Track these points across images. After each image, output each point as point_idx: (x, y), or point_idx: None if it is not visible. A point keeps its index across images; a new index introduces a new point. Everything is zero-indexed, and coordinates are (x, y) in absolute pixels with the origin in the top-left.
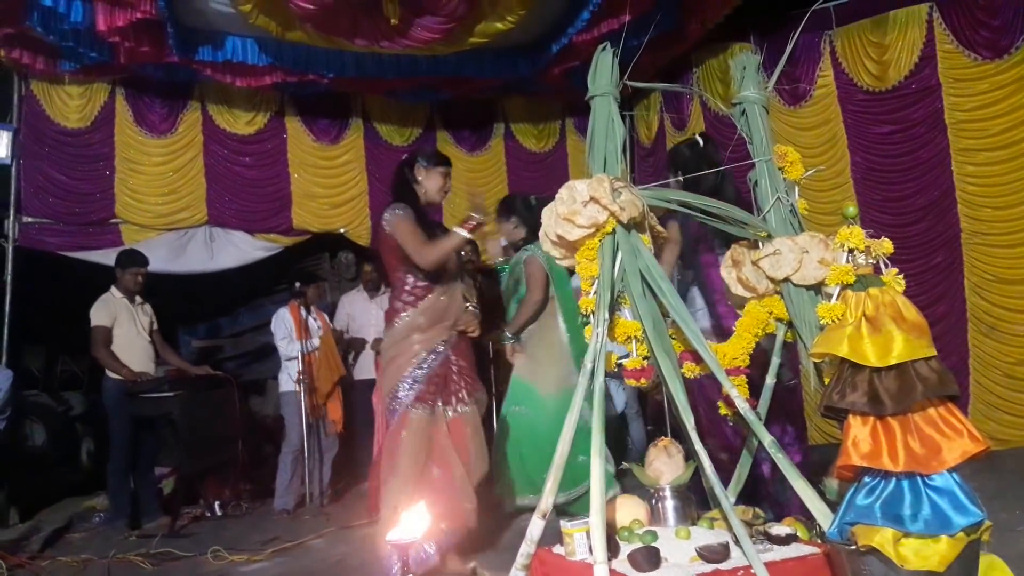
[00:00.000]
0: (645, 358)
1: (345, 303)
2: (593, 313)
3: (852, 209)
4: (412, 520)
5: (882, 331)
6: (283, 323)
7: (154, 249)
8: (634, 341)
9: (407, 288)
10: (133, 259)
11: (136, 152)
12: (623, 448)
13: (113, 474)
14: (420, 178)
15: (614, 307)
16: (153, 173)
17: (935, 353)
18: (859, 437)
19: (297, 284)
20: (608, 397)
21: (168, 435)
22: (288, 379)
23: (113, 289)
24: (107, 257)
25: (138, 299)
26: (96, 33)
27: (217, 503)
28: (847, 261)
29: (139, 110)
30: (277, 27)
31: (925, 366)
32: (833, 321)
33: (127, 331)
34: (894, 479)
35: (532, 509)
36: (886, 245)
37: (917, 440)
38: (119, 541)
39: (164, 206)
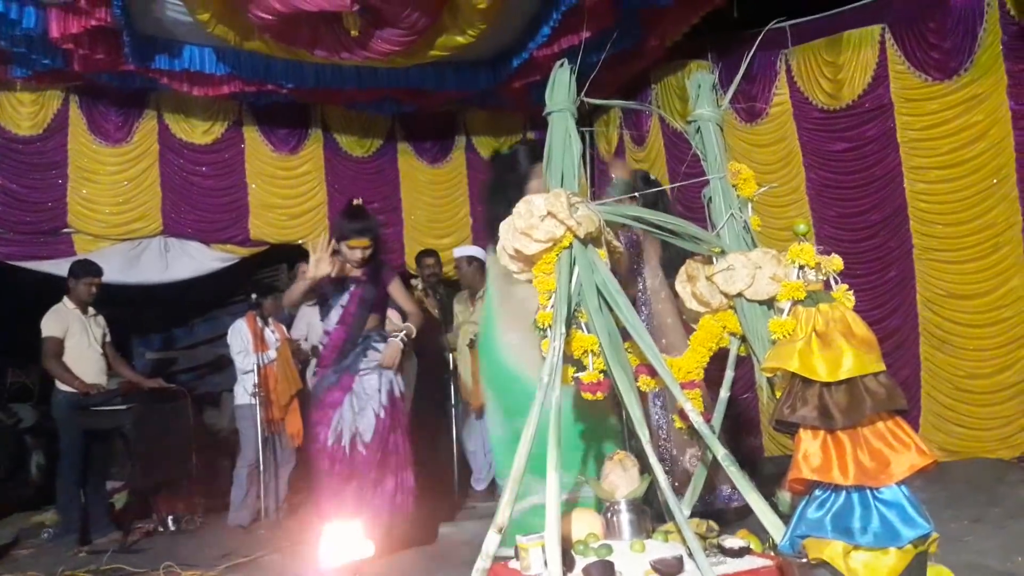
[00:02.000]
0: (601, 371)
1: (306, 312)
2: (550, 327)
3: (803, 226)
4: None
5: (832, 346)
6: (239, 336)
7: (108, 259)
8: (590, 355)
9: None
10: (87, 269)
11: (90, 161)
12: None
13: (63, 488)
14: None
15: (571, 321)
16: (107, 182)
17: (884, 368)
18: (810, 451)
19: (254, 296)
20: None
21: (120, 449)
22: (244, 392)
23: (65, 300)
24: (59, 267)
25: (91, 310)
26: (49, 40)
27: (170, 517)
28: (798, 277)
29: (93, 118)
30: (235, 36)
31: (874, 381)
32: (784, 336)
33: (79, 342)
34: (844, 492)
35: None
36: (836, 262)
37: (866, 454)
38: (68, 557)
39: (118, 216)
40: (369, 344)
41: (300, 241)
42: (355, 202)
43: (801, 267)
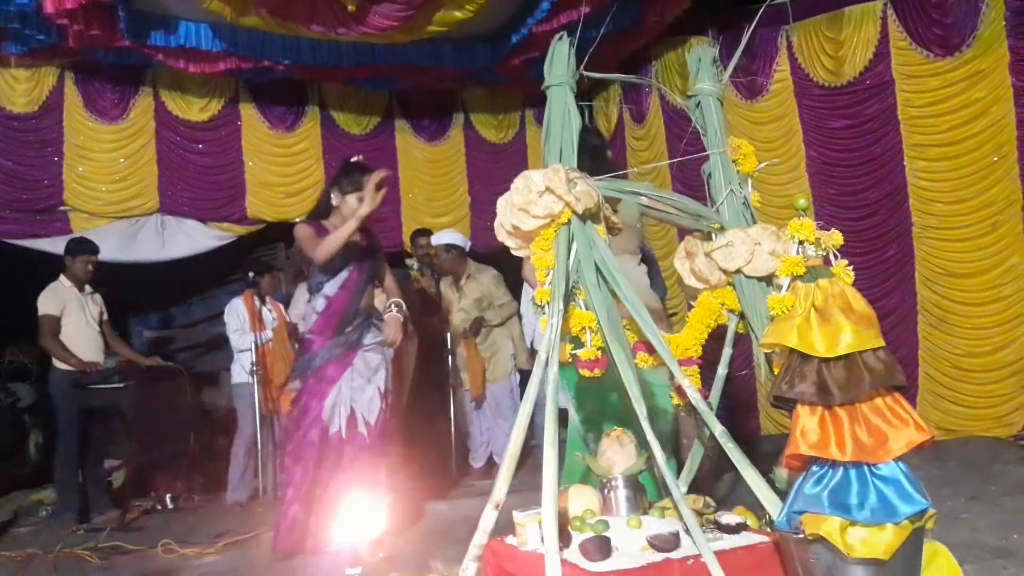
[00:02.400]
0: (599, 348)
1: (304, 291)
2: (548, 304)
3: (803, 201)
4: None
5: (831, 322)
6: (236, 314)
7: (104, 237)
8: (588, 332)
9: None
10: (83, 247)
11: (86, 138)
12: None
13: (61, 467)
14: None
15: (569, 297)
16: (103, 160)
17: (883, 344)
18: (807, 427)
19: (251, 274)
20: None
21: (118, 427)
22: (241, 370)
23: (62, 277)
24: (55, 245)
25: (88, 288)
26: (43, 15)
27: (168, 496)
28: (797, 253)
29: (89, 95)
30: (232, 12)
31: (873, 357)
32: (783, 312)
33: (76, 321)
34: (842, 468)
35: None
36: (836, 237)
37: (864, 430)
38: (66, 535)
39: (115, 193)
40: (371, 319)
41: (297, 219)
42: (353, 159)
43: (801, 242)
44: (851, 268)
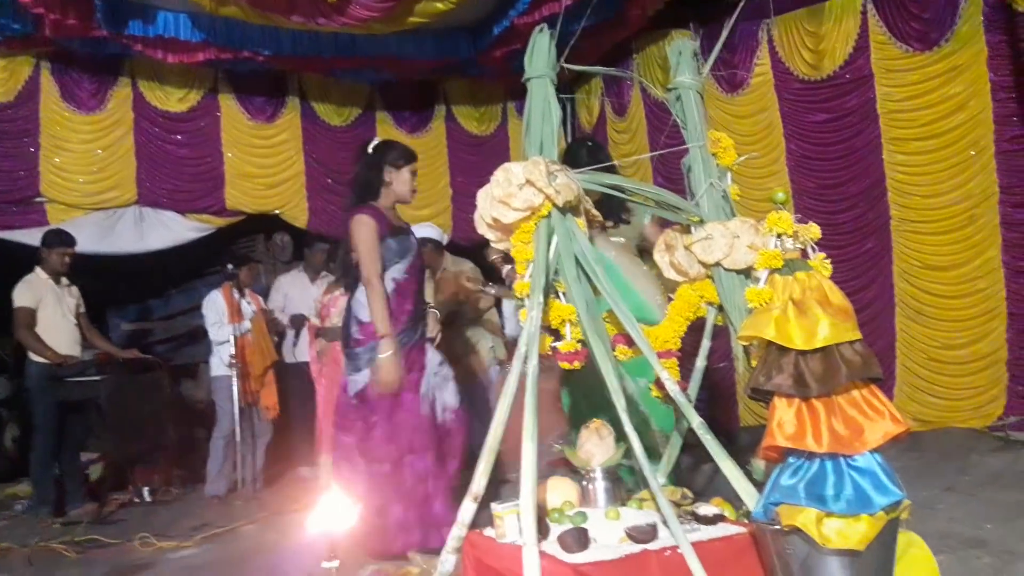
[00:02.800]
0: (579, 341)
1: (284, 283)
2: (528, 296)
3: (781, 194)
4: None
5: (808, 315)
6: (214, 306)
7: (81, 229)
8: (568, 324)
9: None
10: (59, 239)
11: (63, 129)
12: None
13: (37, 460)
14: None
15: (549, 290)
16: (81, 151)
17: (860, 337)
18: (784, 419)
19: (230, 266)
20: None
21: (95, 420)
22: (219, 363)
23: (38, 270)
24: (31, 237)
25: (64, 280)
26: (19, 4)
27: (146, 489)
28: (775, 246)
29: (66, 85)
30: (211, 2)
31: (850, 349)
32: (761, 305)
33: (52, 313)
34: (818, 460)
35: None
36: (814, 230)
37: (841, 421)
38: (42, 529)
39: (92, 185)
40: (428, 312)
41: (277, 211)
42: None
43: (779, 235)
44: (829, 261)
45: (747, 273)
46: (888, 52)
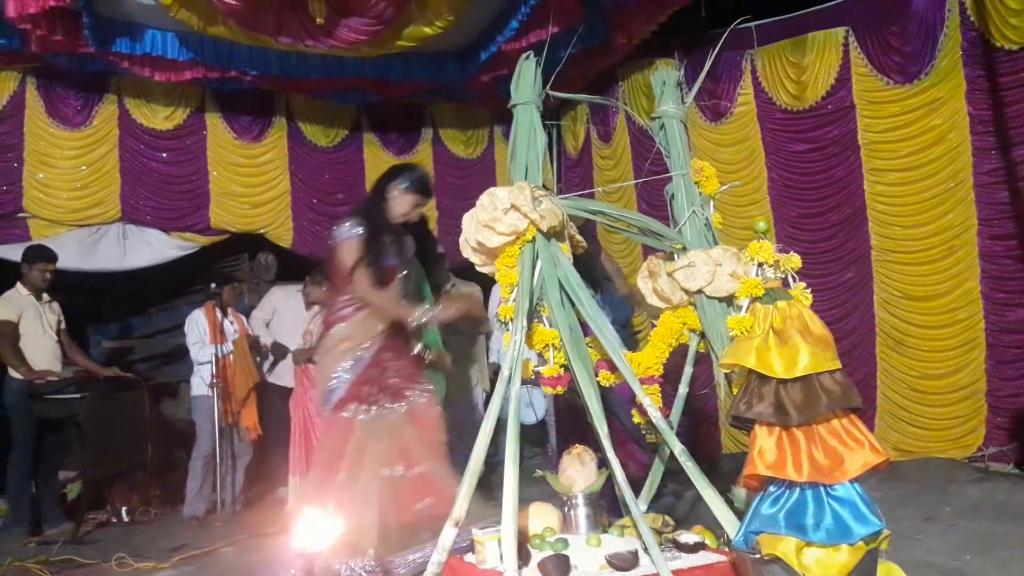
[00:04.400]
0: (562, 366)
1: (277, 297)
2: (512, 320)
3: (762, 224)
4: (314, 527)
5: (789, 344)
6: (196, 326)
7: (64, 245)
8: (551, 349)
9: (343, 300)
10: (41, 255)
11: (47, 144)
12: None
13: (14, 478)
14: (390, 196)
15: (533, 315)
16: (65, 167)
17: (839, 366)
18: (765, 447)
19: (213, 285)
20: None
21: (74, 438)
22: (200, 383)
23: (19, 285)
24: (13, 252)
25: (45, 296)
26: (5, 19)
27: (124, 509)
28: (757, 275)
29: (52, 101)
30: (199, 22)
31: (830, 378)
32: (742, 333)
33: (33, 329)
34: (798, 489)
35: None
36: (795, 260)
37: (821, 451)
38: (17, 548)
39: (76, 201)
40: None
41: (262, 230)
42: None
43: (760, 264)
44: (809, 290)
45: (729, 301)
46: (869, 84)
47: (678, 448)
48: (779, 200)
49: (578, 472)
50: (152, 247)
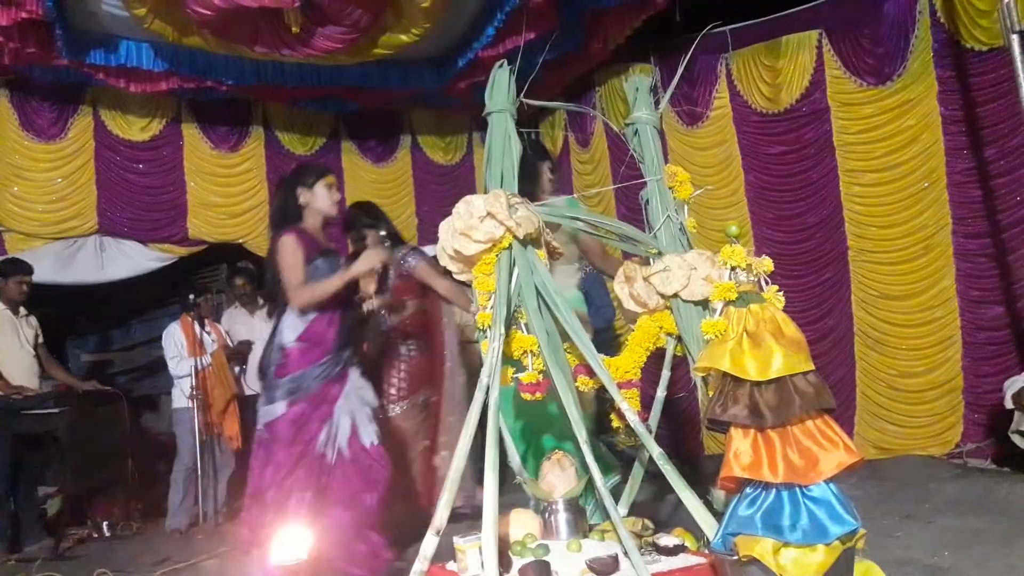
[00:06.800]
0: (540, 372)
1: (225, 321)
2: (489, 328)
3: (735, 228)
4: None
5: (762, 346)
6: (173, 340)
7: (40, 258)
8: (530, 355)
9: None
10: (17, 268)
11: (22, 157)
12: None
13: None
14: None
15: (510, 322)
16: (40, 180)
17: (813, 368)
18: (740, 449)
19: (190, 296)
20: None
21: (53, 453)
22: (180, 395)
23: None
24: None
25: (22, 310)
26: None
27: (106, 523)
28: (730, 279)
29: (26, 113)
30: (174, 32)
31: (803, 380)
32: (716, 336)
33: (9, 343)
34: (774, 490)
35: None
36: (767, 263)
37: (796, 452)
38: None
39: (52, 214)
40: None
41: (240, 240)
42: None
43: (733, 268)
44: (783, 293)
45: (705, 304)
46: (843, 86)
47: (656, 451)
48: (756, 202)
49: (558, 477)
50: (130, 259)
